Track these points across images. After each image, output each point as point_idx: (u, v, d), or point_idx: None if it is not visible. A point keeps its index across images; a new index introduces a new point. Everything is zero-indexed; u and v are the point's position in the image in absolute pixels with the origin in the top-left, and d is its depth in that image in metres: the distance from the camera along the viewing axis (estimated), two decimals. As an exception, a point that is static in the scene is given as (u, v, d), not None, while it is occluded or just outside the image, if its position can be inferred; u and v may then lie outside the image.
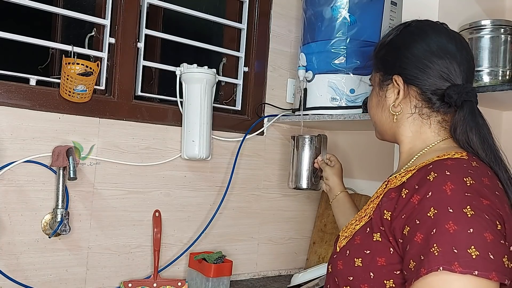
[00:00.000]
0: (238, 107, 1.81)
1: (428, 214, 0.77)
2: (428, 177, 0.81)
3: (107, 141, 1.48)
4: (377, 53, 1.04)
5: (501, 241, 0.74)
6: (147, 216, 1.56)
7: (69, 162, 1.31)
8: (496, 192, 0.81)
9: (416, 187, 0.82)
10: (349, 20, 1.58)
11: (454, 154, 0.86)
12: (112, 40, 1.50)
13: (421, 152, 0.94)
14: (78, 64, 1.37)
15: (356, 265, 0.87)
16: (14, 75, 1.36)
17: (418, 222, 0.78)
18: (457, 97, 0.90)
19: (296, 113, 1.73)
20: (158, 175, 1.58)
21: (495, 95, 1.19)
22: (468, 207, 0.75)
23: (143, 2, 1.56)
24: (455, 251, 0.72)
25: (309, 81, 1.66)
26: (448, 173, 0.80)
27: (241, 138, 1.75)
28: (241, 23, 1.80)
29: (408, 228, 0.79)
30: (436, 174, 0.81)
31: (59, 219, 1.35)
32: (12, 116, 1.33)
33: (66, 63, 1.35)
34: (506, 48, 1.25)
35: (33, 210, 1.36)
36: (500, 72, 1.25)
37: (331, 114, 1.59)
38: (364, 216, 0.94)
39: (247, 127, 1.77)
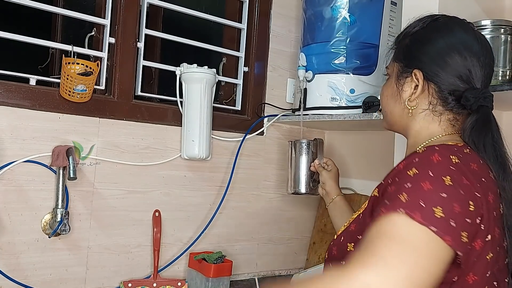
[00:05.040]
0: (238, 107, 1.81)
1: (408, 173, 0.78)
2: (417, 150, 0.84)
3: (107, 141, 1.48)
4: (400, 42, 1.01)
5: (467, 219, 0.75)
6: (147, 216, 1.56)
7: (69, 162, 1.31)
8: (483, 179, 0.81)
9: (404, 158, 0.85)
10: (349, 20, 1.58)
11: (449, 142, 0.88)
12: (112, 40, 1.50)
13: (423, 144, 0.94)
14: (78, 64, 1.37)
15: (348, 249, 0.89)
16: (14, 75, 1.36)
17: (397, 179, 0.80)
18: (474, 101, 0.89)
19: (296, 113, 1.73)
20: (158, 175, 1.58)
21: (495, 95, 1.18)
22: (448, 177, 0.76)
23: (143, 2, 1.56)
24: (422, 204, 0.73)
25: (309, 81, 1.66)
26: (437, 148, 0.82)
27: (241, 138, 1.75)
28: (241, 23, 1.80)
29: (390, 187, 0.81)
30: (425, 149, 0.83)
31: (59, 219, 1.35)
32: (12, 116, 1.33)
33: (66, 63, 1.35)
34: (506, 48, 1.25)
35: (33, 210, 1.36)
36: (500, 72, 1.25)
37: (331, 114, 1.59)
38: (361, 208, 0.97)
39: (247, 127, 1.77)
